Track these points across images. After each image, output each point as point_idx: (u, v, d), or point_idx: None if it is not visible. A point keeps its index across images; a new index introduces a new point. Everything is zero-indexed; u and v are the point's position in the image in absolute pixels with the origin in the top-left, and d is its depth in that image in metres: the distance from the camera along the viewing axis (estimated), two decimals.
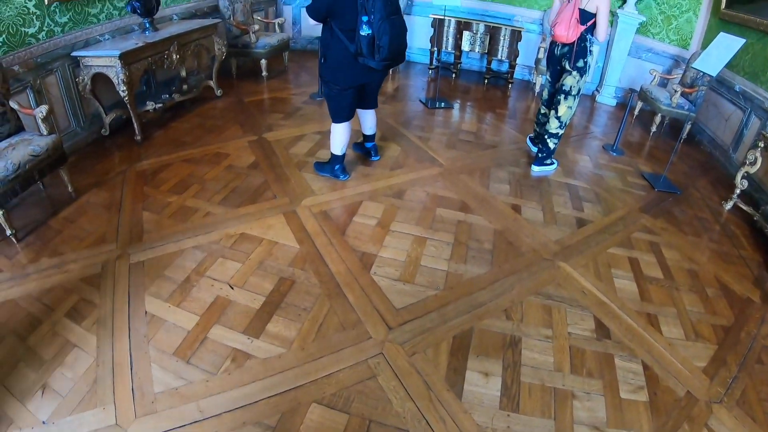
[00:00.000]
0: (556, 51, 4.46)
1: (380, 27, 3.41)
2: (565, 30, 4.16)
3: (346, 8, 3.47)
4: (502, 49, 7.23)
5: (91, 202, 3.98)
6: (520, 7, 7.69)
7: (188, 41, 5.63)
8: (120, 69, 4.66)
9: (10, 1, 4.16)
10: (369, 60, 3.57)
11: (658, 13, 7.01)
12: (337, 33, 3.60)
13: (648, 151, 5.81)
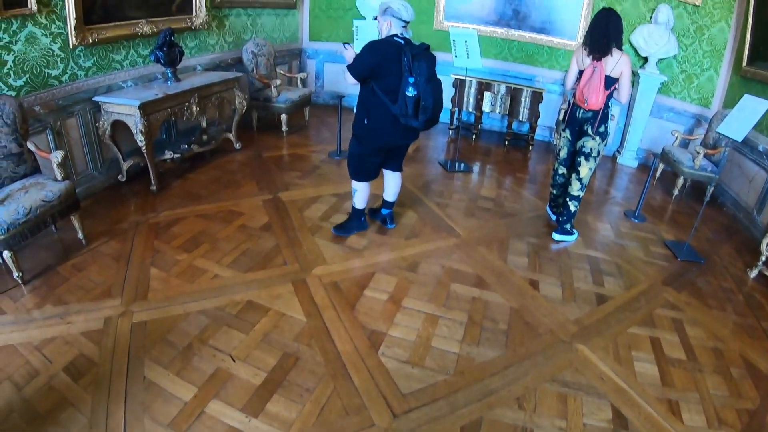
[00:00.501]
0: (578, 114, 4.41)
1: (425, 88, 3.48)
2: (595, 98, 4.15)
3: (390, 70, 3.52)
4: (523, 110, 7.22)
5: (101, 251, 3.96)
6: (541, 68, 7.73)
7: (209, 94, 5.69)
8: (139, 119, 4.70)
9: (35, 42, 4.26)
10: (412, 120, 3.60)
11: (680, 71, 7.01)
12: (378, 94, 3.62)
13: (670, 215, 5.70)
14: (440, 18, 8.04)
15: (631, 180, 6.73)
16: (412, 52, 3.46)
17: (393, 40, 3.57)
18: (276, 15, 8.19)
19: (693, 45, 6.87)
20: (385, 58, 3.51)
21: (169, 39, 5.26)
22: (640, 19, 6.99)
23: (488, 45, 7.80)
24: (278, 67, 7.81)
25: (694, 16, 6.76)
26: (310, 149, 6.65)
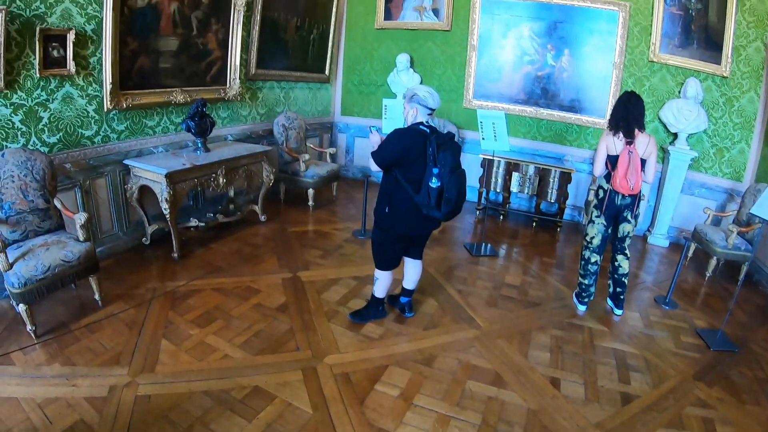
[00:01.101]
0: (617, 200, 4.36)
1: (449, 180, 3.42)
2: (636, 182, 4.16)
3: (414, 159, 3.48)
4: (552, 191, 7.12)
5: (115, 315, 3.97)
6: (570, 147, 7.67)
7: (237, 166, 5.73)
8: (165, 187, 4.75)
9: (71, 102, 4.44)
10: (434, 211, 3.52)
11: (710, 146, 6.88)
12: (402, 182, 3.56)
13: (703, 299, 5.43)
14: (470, 96, 8.09)
15: (662, 261, 6.49)
16: (437, 141, 3.43)
17: (419, 128, 3.53)
18: (309, 89, 8.37)
19: (723, 118, 6.77)
20: (410, 148, 3.48)
21: (200, 110, 5.37)
22: (669, 94, 6.94)
23: (517, 124, 7.83)
24: (309, 140, 7.90)
25: (722, 88, 6.68)
26: (334, 226, 6.58)
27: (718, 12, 6.47)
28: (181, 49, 5.64)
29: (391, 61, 8.33)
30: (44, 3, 4.09)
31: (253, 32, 6.68)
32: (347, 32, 8.86)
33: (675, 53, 6.79)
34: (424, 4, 8.07)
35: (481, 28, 7.75)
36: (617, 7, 6.91)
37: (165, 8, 5.29)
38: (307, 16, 7.80)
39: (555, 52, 7.41)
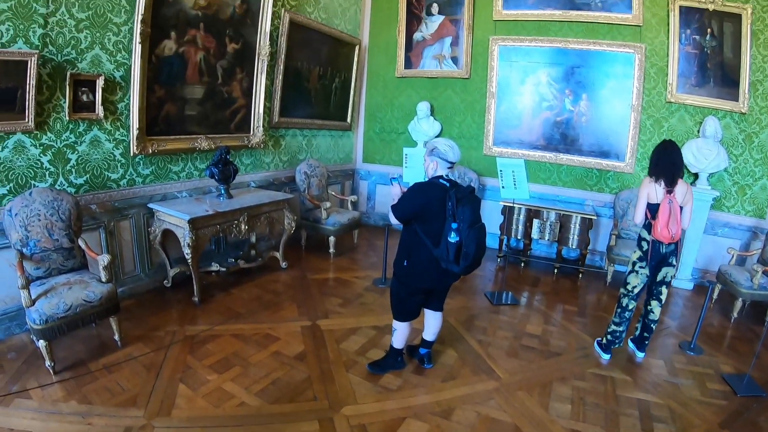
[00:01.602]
0: (661, 249, 4.34)
1: (468, 234, 3.40)
2: (677, 230, 4.19)
3: (433, 214, 3.47)
4: (573, 237, 7.04)
5: (134, 356, 3.98)
6: (591, 191, 7.61)
7: (259, 213, 5.77)
8: (188, 232, 4.80)
9: (99, 146, 4.60)
10: (453, 265, 3.49)
11: (732, 184, 6.80)
12: (421, 237, 3.55)
13: (729, 343, 5.26)
14: (489, 143, 8.12)
15: (687, 305, 6.32)
16: (457, 196, 3.43)
17: (438, 182, 3.54)
18: (331, 136, 8.50)
19: (743, 155, 6.70)
20: (430, 202, 3.48)
21: (224, 157, 5.46)
22: (688, 134, 6.90)
23: (537, 170, 7.83)
24: (331, 187, 7.95)
25: (741, 125, 6.65)
26: (355, 274, 6.53)
27: (733, 48, 6.53)
28: (207, 97, 5.79)
29: (412, 108, 8.45)
30: (75, 49, 4.29)
31: (276, 81, 6.84)
32: (368, 81, 9.05)
33: (692, 92, 6.82)
34: (443, 53, 8.22)
35: (499, 76, 7.85)
36: (633, 49, 6.99)
37: (191, 57, 5.46)
38: (330, 65, 7.99)
39: (573, 97, 7.46)
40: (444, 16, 8.12)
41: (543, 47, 7.51)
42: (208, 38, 5.61)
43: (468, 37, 7.94)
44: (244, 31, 6.11)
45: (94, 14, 4.41)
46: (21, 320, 4.13)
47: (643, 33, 6.95)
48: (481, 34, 7.89)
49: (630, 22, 6.97)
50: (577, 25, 7.30)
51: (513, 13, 7.63)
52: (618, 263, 6.51)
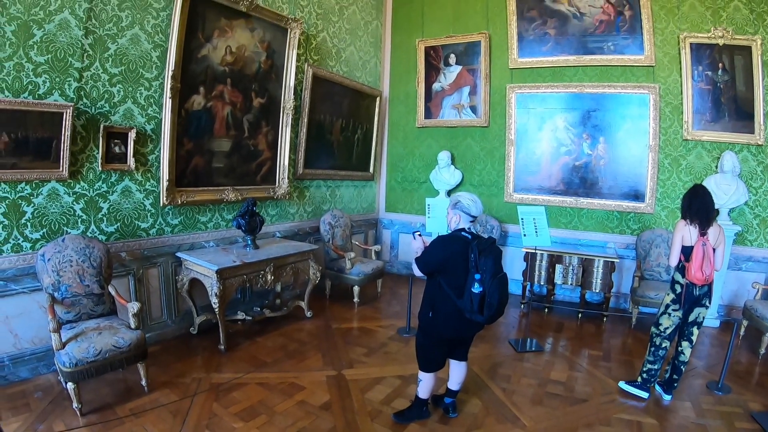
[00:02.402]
0: (695, 292, 4.34)
1: (491, 285, 3.43)
2: (711, 272, 4.21)
3: (456, 265, 3.51)
4: (596, 281, 6.95)
5: (160, 402, 4.00)
6: (612, 234, 7.57)
7: (284, 264, 5.84)
8: (215, 282, 4.88)
9: (129, 196, 4.79)
10: (477, 316, 3.51)
11: (753, 217, 6.74)
12: (445, 288, 3.58)
13: (757, 379, 5.12)
14: (510, 190, 8.16)
15: (713, 343, 6.18)
16: (479, 247, 3.48)
17: (461, 235, 3.61)
18: (354, 187, 8.64)
19: (762, 187, 6.67)
20: (453, 255, 3.53)
21: (251, 209, 5.60)
22: (706, 170, 6.90)
23: (558, 215, 7.83)
24: (354, 236, 8.04)
25: (759, 156, 6.64)
26: (379, 323, 6.50)
27: (745, 81, 6.60)
28: (233, 149, 5.98)
29: (433, 158, 8.58)
30: (108, 102, 4.55)
31: (300, 134, 7.03)
32: (390, 131, 9.26)
33: (708, 128, 6.86)
34: (462, 102, 8.40)
35: (517, 123, 7.98)
36: (647, 89, 7.09)
37: (219, 111, 5.68)
38: (352, 117, 8.22)
39: (590, 141, 7.53)
40: (461, 66, 8.35)
41: (559, 93, 7.65)
42: (234, 93, 5.84)
43: (485, 86, 8.13)
44: (269, 86, 6.35)
45: (127, 69, 4.69)
46: (48, 361, 4.24)
47: (656, 73, 7.08)
48: (498, 83, 8.08)
49: (643, 63, 7.11)
50: (591, 69, 7.45)
51: (528, 61, 7.82)
52: (642, 305, 6.44)
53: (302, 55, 6.88)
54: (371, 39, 8.72)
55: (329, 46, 7.58)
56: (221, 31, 5.52)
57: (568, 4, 7.50)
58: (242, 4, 5.62)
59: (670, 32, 6.96)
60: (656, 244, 6.83)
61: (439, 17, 8.57)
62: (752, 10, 6.58)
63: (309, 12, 7.05)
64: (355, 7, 8.21)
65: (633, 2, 7.10)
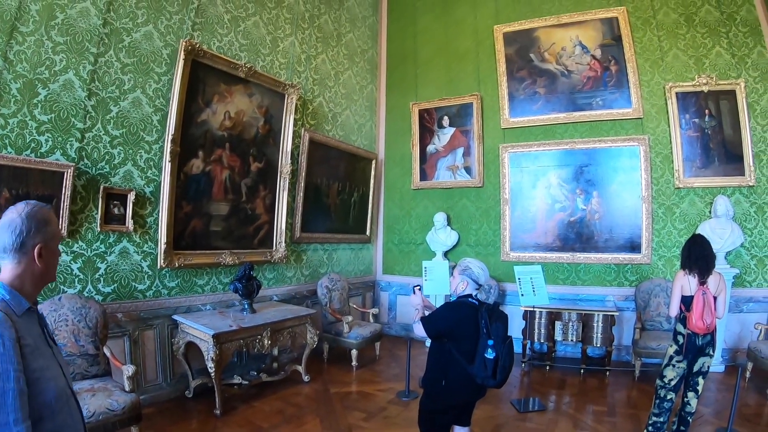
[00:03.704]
0: (698, 342, 4.27)
1: (503, 349, 3.42)
2: (712, 320, 4.17)
3: (466, 332, 3.49)
4: (597, 336, 6.87)
5: None
6: (610, 287, 7.54)
7: (282, 328, 5.77)
8: (212, 347, 4.82)
9: (127, 257, 4.78)
10: (489, 381, 3.47)
11: (750, 258, 6.76)
12: (455, 355, 3.53)
13: (767, 420, 5.04)
14: (507, 249, 8.18)
15: (719, 388, 6.07)
16: (489, 313, 3.48)
17: (468, 301, 3.60)
18: (351, 249, 8.66)
19: (757, 227, 6.75)
20: (461, 321, 3.51)
21: (248, 272, 5.62)
22: (700, 216, 6.98)
23: (555, 271, 7.83)
24: (352, 299, 8.01)
25: (751, 197, 6.75)
26: (378, 387, 6.35)
27: (732, 124, 6.80)
28: (231, 213, 6.04)
29: (429, 219, 8.63)
30: (109, 164, 4.64)
31: (297, 197, 7.13)
32: (386, 193, 9.38)
33: (699, 174, 7.01)
34: (456, 164, 8.56)
35: (511, 182, 8.11)
36: (637, 141, 7.28)
37: (217, 175, 5.78)
38: (348, 180, 8.34)
39: (584, 196, 7.64)
40: (455, 128, 8.57)
41: (551, 150, 7.83)
42: (233, 157, 5.97)
43: (479, 146, 8.31)
44: (267, 150, 6.49)
45: (128, 132, 4.81)
46: None
47: (644, 124, 7.30)
48: (491, 143, 8.28)
49: (631, 116, 7.34)
50: (582, 125, 7.67)
51: (520, 120, 8.06)
52: (645, 356, 6.36)
53: (299, 119, 7.07)
54: (366, 102, 8.99)
55: (325, 110, 7.80)
56: (221, 96, 5.70)
57: (555, 63, 7.81)
58: (241, 71, 5.84)
59: (655, 83, 7.24)
60: (655, 294, 6.82)
61: (431, 80, 8.89)
62: (734, 55, 6.89)
63: (306, 77, 7.31)
64: (351, 71, 8.52)
65: (618, 57, 7.44)
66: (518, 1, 8.33)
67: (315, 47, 7.59)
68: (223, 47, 5.88)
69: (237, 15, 6.11)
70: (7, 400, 1.50)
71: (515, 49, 8.15)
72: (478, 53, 8.53)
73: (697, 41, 7.14)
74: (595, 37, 7.67)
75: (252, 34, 6.33)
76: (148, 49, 5.03)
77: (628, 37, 7.39)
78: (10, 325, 1.58)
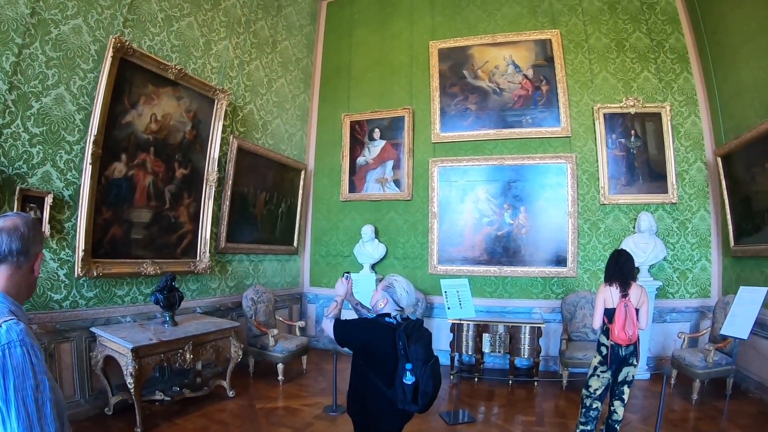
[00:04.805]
0: (621, 352, 4.39)
1: (424, 373, 3.16)
2: (633, 331, 4.29)
3: (382, 355, 3.24)
4: (524, 347, 7.01)
5: None
6: (537, 299, 7.76)
7: (204, 342, 5.56)
8: (131, 361, 4.58)
9: (43, 265, 4.35)
10: (411, 406, 3.21)
11: (672, 271, 7.16)
12: (373, 379, 3.29)
13: (693, 425, 5.26)
14: (434, 262, 8.25)
15: (646, 395, 6.33)
16: (407, 333, 3.22)
17: (384, 321, 3.32)
18: (278, 261, 8.48)
19: (679, 242, 7.17)
20: (376, 343, 3.26)
21: (169, 283, 5.38)
22: (624, 232, 7.34)
23: (482, 284, 7.95)
24: (278, 311, 7.84)
25: (674, 214, 7.19)
26: (305, 402, 6.21)
27: (657, 145, 7.25)
28: (154, 221, 5.77)
29: (357, 231, 8.56)
30: (27, 163, 4.31)
31: (223, 206, 6.91)
32: (314, 205, 9.25)
33: (624, 192, 7.40)
34: (386, 176, 8.59)
35: (440, 195, 8.22)
36: (564, 159, 7.59)
37: (140, 180, 5.51)
38: (276, 190, 8.17)
39: (512, 211, 7.85)
40: (385, 140, 8.61)
41: (480, 165, 8.02)
42: (157, 163, 5.71)
43: (409, 160, 8.38)
44: (193, 157, 6.26)
45: (49, 130, 4.49)
46: None
47: (572, 143, 7.63)
48: (421, 156, 8.37)
49: (559, 134, 7.65)
50: (511, 142, 7.90)
51: (450, 135, 8.20)
52: (572, 366, 6.56)
53: (228, 126, 6.88)
54: (298, 112, 8.88)
55: (256, 118, 7.64)
56: (148, 97, 5.46)
57: (488, 80, 8.04)
58: (171, 72, 5.61)
59: (584, 104, 7.60)
60: (581, 306, 7.08)
61: (365, 92, 8.91)
62: (661, 80, 7.36)
63: (238, 83, 7.14)
64: (284, 80, 8.40)
65: (550, 77, 7.74)
66: (455, 19, 8.54)
67: (249, 53, 7.45)
68: (154, 47, 5.63)
69: (171, 14, 5.89)
70: (47, 411, 1.51)
71: (449, 66, 8.32)
72: (413, 68, 8.66)
73: (626, 65, 7.58)
74: (528, 57, 7.96)
75: (185, 35, 6.11)
76: (76, 43, 4.75)
77: (560, 59, 7.73)
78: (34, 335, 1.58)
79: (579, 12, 7.95)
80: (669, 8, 7.63)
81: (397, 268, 8.21)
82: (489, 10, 8.41)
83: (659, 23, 7.63)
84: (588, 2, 7.95)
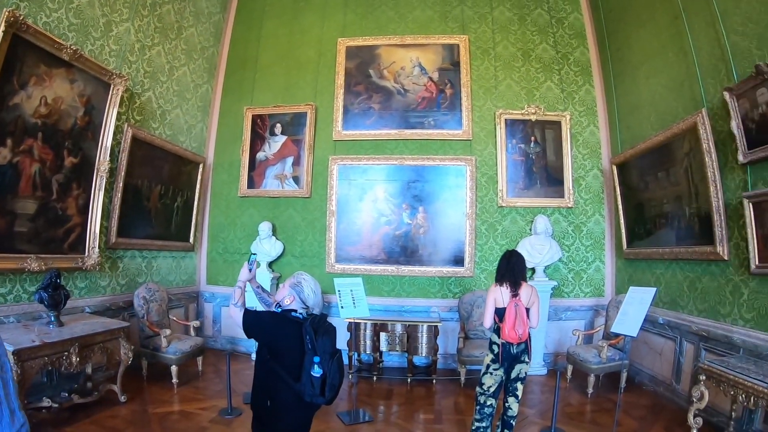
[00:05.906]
0: (512, 350, 4.50)
1: (331, 366, 3.23)
2: (524, 330, 4.40)
3: (288, 349, 3.26)
4: (422, 345, 7.15)
5: None
6: (435, 299, 7.98)
7: (92, 343, 5.24)
8: (12, 365, 4.15)
9: None
10: (318, 399, 3.26)
11: (567, 271, 7.63)
12: (279, 373, 3.29)
13: (590, 417, 5.59)
14: (332, 261, 8.25)
15: (543, 390, 6.66)
16: (314, 327, 3.25)
17: (291, 316, 3.35)
18: (173, 257, 8.11)
19: (575, 244, 7.67)
20: (283, 335, 3.29)
21: (54, 281, 5.03)
22: (521, 233, 7.75)
23: (380, 283, 8.07)
24: (174, 310, 7.52)
25: (569, 218, 7.68)
26: (200, 405, 5.98)
27: (555, 151, 7.73)
28: (39, 212, 5.35)
29: (254, 228, 8.37)
30: None
31: (115, 199, 6.52)
32: (212, 200, 8.94)
33: (522, 195, 7.81)
34: (285, 173, 8.49)
35: (338, 194, 8.25)
36: (464, 161, 7.89)
37: (26, 168, 5.10)
38: (172, 184, 7.80)
39: (410, 211, 8.04)
40: (287, 136, 8.51)
41: (380, 165, 8.15)
42: (45, 149, 5.30)
43: (309, 157, 8.35)
44: (84, 145, 5.86)
45: None
46: None
47: (473, 146, 7.94)
48: (321, 154, 8.37)
49: (461, 137, 7.94)
50: (412, 143, 8.10)
51: (352, 134, 8.28)
52: (469, 364, 6.77)
53: (123, 114, 6.48)
54: (200, 103, 8.55)
55: (154, 106, 7.25)
56: (39, 78, 5.03)
57: (393, 80, 8.18)
58: (65, 52, 5.20)
59: (487, 109, 7.93)
60: (477, 305, 7.31)
61: (269, 86, 8.76)
62: (563, 90, 7.85)
63: (137, 69, 6.74)
64: (187, 68, 8.06)
65: (455, 81, 8.02)
66: (366, 18, 8.61)
67: (152, 37, 7.05)
68: (50, 24, 5.17)
69: None
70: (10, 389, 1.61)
71: (356, 64, 8.38)
72: (319, 64, 8.62)
73: (530, 74, 7.99)
74: (435, 61, 8.19)
75: (85, 13, 5.66)
76: None
77: (467, 64, 8.01)
78: None
79: (489, 20, 8.30)
80: (577, 24, 8.18)
81: (294, 266, 8.13)
82: (401, 12, 8.58)
83: (566, 37, 8.14)
84: (499, 12, 8.33)
